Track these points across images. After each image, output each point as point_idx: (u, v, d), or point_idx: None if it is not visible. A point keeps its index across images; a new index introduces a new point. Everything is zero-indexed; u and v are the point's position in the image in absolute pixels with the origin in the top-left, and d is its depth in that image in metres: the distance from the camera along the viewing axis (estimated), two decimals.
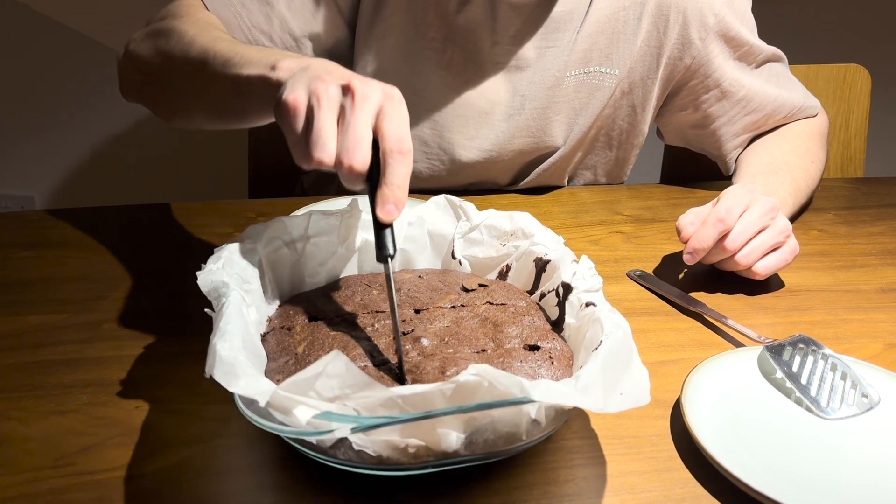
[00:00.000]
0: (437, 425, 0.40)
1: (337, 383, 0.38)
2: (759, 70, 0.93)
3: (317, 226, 0.60)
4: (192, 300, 0.50)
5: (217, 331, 0.44)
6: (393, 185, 0.47)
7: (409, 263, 0.64)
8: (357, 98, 0.47)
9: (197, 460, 0.47)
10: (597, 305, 0.50)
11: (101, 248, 0.76)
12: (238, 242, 0.55)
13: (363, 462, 0.41)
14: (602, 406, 0.39)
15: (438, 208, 0.64)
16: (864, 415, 0.53)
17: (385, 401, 0.38)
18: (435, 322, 0.53)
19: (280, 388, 0.39)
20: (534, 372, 0.48)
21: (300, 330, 0.52)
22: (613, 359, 0.42)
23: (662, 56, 0.89)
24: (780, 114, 0.94)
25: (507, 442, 0.42)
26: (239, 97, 0.60)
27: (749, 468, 0.46)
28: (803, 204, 0.88)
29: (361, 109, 0.47)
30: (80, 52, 1.73)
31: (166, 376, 0.55)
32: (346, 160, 0.46)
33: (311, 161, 0.47)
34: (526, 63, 0.86)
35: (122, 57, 0.78)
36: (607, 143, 0.96)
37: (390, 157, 0.47)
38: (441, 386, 0.38)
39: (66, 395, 0.53)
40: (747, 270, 0.70)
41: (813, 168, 0.89)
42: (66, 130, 1.82)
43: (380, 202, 0.48)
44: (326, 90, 0.47)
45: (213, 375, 0.40)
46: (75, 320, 0.62)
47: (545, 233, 0.60)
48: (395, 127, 0.48)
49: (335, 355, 0.38)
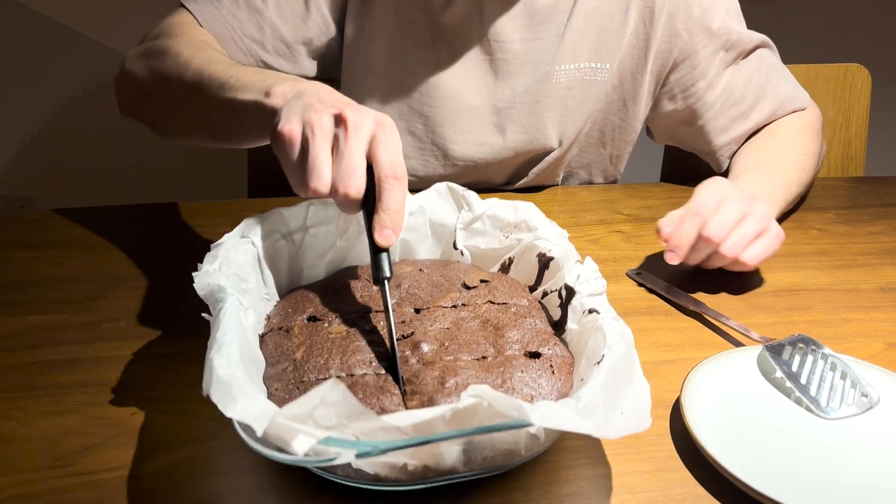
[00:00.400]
0: (436, 447, 0.40)
1: (335, 412, 0.37)
2: (748, 60, 0.92)
3: (315, 217, 0.59)
4: (192, 300, 0.50)
5: (214, 343, 0.44)
6: (390, 210, 0.49)
7: (409, 253, 0.63)
8: (350, 127, 0.49)
9: (196, 461, 0.47)
10: (600, 313, 0.49)
11: (100, 249, 0.76)
12: (234, 236, 0.55)
13: (361, 479, 0.41)
14: (602, 431, 0.39)
15: (440, 196, 0.63)
16: (863, 414, 0.53)
17: (384, 429, 0.37)
18: (435, 323, 0.53)
19: (278, 415, 0.37)
20: (534, 382, 0.48)
21: (298, 332, 0.51)
22: (615, 374, 0.42)
23: (651, 49, 0.89)
24: (767, 105, 0.92)
25: (506, 458, 0.42)
26: (235, 121, 0.62)
27: (749, 468, 0.46)
28: (798, 195, 0.87)
29: (355, 139, 0.49)
30: (80, 52, 1.72)
31: (165, 376, 0.55)
32: (341, 188, 0.48)
33: (308, 190, 0.49)
34: (513, 56, 0.87)
35: (119, 75, 0.79)
36: (600, 139, 0.96)
37: (385, 183, 0.49)
38: (440, 411, 0.37)
39: (65, 395, 0.53)
40: (736, 263, 0.69)
41: (805, 160, 0.88)
42: (66, 130, 1.82)
43: (377, 227, 0.49)
44: (320, 120, 0.49)
45: (209, 395, 0.40)
46: (74, 320, 0.62)
47: (549, 226, 0.60)
48: (388, 154, 0.49)
49: (332, 385, 0.37)
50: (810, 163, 0.89)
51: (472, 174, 0.93)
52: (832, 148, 1.24)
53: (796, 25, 1.88)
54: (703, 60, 0.89)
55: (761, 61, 0.92)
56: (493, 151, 0.91)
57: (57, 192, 1.87)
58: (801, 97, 0.95)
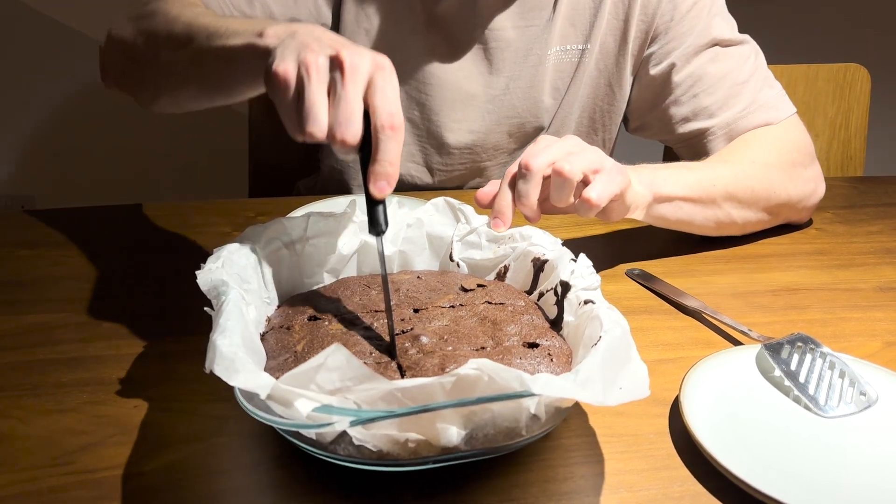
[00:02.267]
0: (437, 420, 0.40)
1: (338, 376, 0.38)
2: (727, 54, 0.87)
3: (315, 227, 0.60)
4: (191, 299, 0.50)
5: (217, 327, 0.45)
6: (385, 162, 0.47)
7: (407, 265, 0.64)
8: (347, 70, 0.47)
9: (196, 459, 0.47)
10: (595, 303, 0.50)
11: (100, 248, 0.76)
12: (237, 243, 0.55)
13: (363, 457, 0.41)
14: (601, 399, 0.39)
15: (437, 210, 0.64)
16: (861, 413, 0.53)
17: (385, 394, 0.38)
18: (434, 321, 0.53)
19: (281, 381, 0.39)
20: (533, 369, 0.48)
21: (299, 329, 0.52)
22: (612, 355, 0.43)
23: (630, 29, 0.89)
24: (734, 104, 0.86)
25: (507, 437, 0.43)
26: (226, 69, 0.59)
27: (747, 466, 0.46)
28: (721, 216, 0.77)
29: (352, 82, 0.47)
30: (80, 52, 1.72)
31: (165, 375, 0.55)
32: (338, 135, 0.47)
33: (304, 134, 0.47)
34: (507, 44, 0.88)
35: (105, 43, 0.78)
36: (591, 126, 0.97)
37: (382, 134, 0.47)
38: (441, 379, 0.38)
39: (65, 393, 0.53)
40: (585, 206, 0.59)
41: (756, 172, 0.79)
42: (67, 130, 1.82)
43: (372, 179, 0.48)
44: (316, 61, 0.47)
45: (213, 370, 0.40)
46: (74, 319, 0.63)
47: (542, 235, 0.61)
48: (386, 102, 0.47)
49: (336, 348, 0.38)
50: (763, 179, 0.79)
51: (468, 161, 0.94)
52: (831, 148, 1.24)
53: (796, 25, 1.88)
54: (671, 40, 0.88)
55: (744, 60, 0.87)
56: (486, 137, 0.92)
57: (57, 192, 1.87)
58: (778, 107, 0.87)
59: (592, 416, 0.52)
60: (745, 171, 0.79)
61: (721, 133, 0.87)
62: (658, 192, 0.71)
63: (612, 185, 0.60)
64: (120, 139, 1.84)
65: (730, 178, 0.77)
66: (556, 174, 0.59)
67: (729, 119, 0.87)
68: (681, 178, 0.74)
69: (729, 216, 0.78)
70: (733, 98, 0.86)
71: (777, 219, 0.84)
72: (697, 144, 0.89)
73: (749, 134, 0.86)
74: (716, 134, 0.88)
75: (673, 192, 0.72)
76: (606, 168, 0.61)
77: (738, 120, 0.86)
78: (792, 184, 0.82)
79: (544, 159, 0.59)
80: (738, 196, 0.77)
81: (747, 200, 0.78)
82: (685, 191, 0.73)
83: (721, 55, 0.88)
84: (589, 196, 0.59)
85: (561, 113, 0.93)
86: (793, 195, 0.82)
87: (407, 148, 0.93)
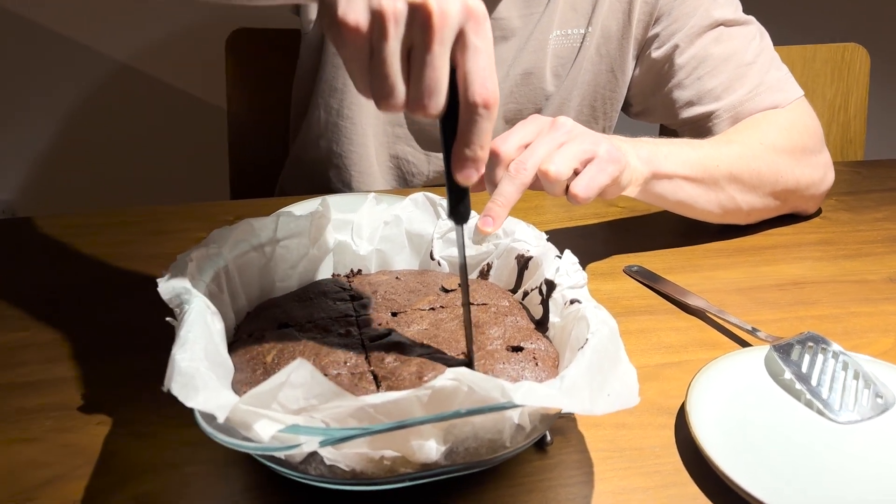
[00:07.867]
0: (414, 435, 0.37)
1: (302, 393, 0.35)
2: (730, 32, 0.84)
3: (286, 228, 0.57)
4: (166, 312, 0.47)
5: (178, 340, 0.41)
6: (474, 146, 0.41)
7: (386, 264, 0.62)
8: (435, 21, 0.38)
9: (170, 489, 0.44)
10: (581, 302, 0.47)
11: (67, 259, 0.72)
12: (202, 247, 0.52)
13: (336, 477, 0.38)
14: (589, 408, 0.37)
15: (417, 206, 0.61)
16: (879, 417, 0.50)
17: (355, 411, 0.35)
18: (413, 325, 0.51)
19: (241, 401, 0.35)
20: (517, 374, 0.46)
21: (269, 338, 0.49)
22: (599, 358, 0.40)
23: (634, 11, 0.86)
24: (740, 86, 0.82)
25: (491, 450, 0.39)
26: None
27: (763, 482, 0.43)
28: (736, 186, 0.73)
29: (439, 41, 0.38)
30: (57, 55, 1.68)
31: (136, 396, 0.51)
32: (418, 108, 0.40)
33: (378, 104, 0.40)
34: (511, 32, 0.86)
35: None
36: (591, 114, 0.94)
37: (474, 113, 0.40)
38: (416, 392, 0.35)
39: (28, 420, 0.49)
40: (572, 199, 0.57)
41: (760, 153, 0.75)
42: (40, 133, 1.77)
43: (457, 164, 0.41)
44: (394, 8, 0.38)
45: (170, 389, 0.37)
46: (38, 338, 0.59)
47: (526, 229, 0.58)
48: (478, 68, 0.39)
49: (299, 363, 0.35)
50: (770, 162, 0.76)
51: None
52: (831, 131, 1.21)
53: (793, 4, 1.85)
54: (675, 21, 0.85)
55: (749, 41, 0.84)
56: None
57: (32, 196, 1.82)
58: (784, 90, 0.83)
59: (592, 429, 0.49)
60: (752, 152, 0.75)
61: (726, 116, 0.83)
62: (657, 170, 0.67)
63: (602, 176, 0.57)
64: (98, 142, 1.79)
65: (735, 159, 0.73)
66: (542, 175, 0.55)
67: (735, 101, 0.83)
68: (682, 155, 0.70)
69: (733, 200, 0.74)
70: (739, 80, 0.83)
71: (784, 206, 0.80)
72: (702, 129, 0.86)
73: (757, 115, 0.82)
74: (721, 117, 0.84)
75: (673, 169, 0.69)
76: (599, 156, 0.58)
77: (744, 102, 0.83)
78: (800, 169, 0.78)
79: (533, 162, 0.55)
80: (743, 178, 0.74)
81: (752, 183, 0.75)
82: (686, 169, 0.70)
83: (725, 35, 0.84)
84: (575, 192, 0.56)
85: (560, 99, 0.90)
86: (801, 181, 0.79)
87: (403, 131, 0.91)
